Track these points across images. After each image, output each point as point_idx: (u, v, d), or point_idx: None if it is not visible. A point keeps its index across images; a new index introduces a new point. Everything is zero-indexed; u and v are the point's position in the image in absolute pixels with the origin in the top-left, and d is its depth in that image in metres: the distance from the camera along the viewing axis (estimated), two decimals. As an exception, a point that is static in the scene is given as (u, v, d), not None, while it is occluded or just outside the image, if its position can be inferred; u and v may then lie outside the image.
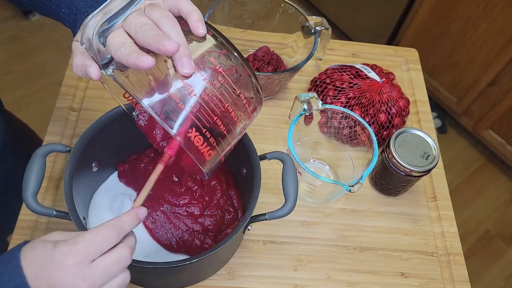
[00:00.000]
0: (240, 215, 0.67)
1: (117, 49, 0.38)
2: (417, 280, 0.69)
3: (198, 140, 0.41)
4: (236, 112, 0.44)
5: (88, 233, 0.39)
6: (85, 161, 0.59)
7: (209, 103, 0.42)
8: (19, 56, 1.87)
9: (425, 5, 1.61)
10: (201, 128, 0.41)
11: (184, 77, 0.41)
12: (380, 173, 0.73)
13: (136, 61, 0.37)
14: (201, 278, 0.64)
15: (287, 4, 0.79)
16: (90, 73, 0.40)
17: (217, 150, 0.44)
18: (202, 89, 0.41)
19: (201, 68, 0.41)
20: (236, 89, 0.44)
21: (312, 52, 0.75)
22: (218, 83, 0.42)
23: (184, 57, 0.39)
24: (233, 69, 0.44)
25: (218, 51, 0.43)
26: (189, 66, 0.39)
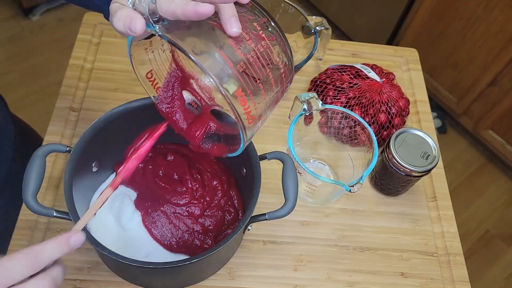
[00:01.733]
0: (241, 216, 0.67)
1: (170, 2, 0.38)
2: (417, 280, 0.69)
3: (243, 101, 0.41)
4: (275, 80, 0.44)
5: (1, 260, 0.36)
6: (85, 161, 0.59)
7: (254, 65, 0.41)
8: (19, 56, 1.87)
9: (425, 5, 1.61)
10: (246, 89, 0.41)
11: (230, 38, 0.40)
12: (380, 173, 0.73)
13: (196, 7, 0.36)
14: (201, 278, 0.64)
15: (287, 4, 0.79)
16: (136, 25, 0.38)
17: (256, 118, 0.43)
18: (247, 50, 0.41)
19: (246, 31, 0.41)
20: (277, 57, 0.44)
21: (312, 52, 0.75)
22: (262, 47, 0.42)
23: (233, 17, 0.39)
24: (273, 38, 0.44)
25: (260, 19, 0.43)
26: (237, 25, 0.39)
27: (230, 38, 0.40)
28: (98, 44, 0.86)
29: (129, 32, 0.39)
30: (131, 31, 0.39)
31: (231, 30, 0.39)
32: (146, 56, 0.48)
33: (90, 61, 0.84)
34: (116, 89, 0.81)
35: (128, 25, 0.39)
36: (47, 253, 0.38)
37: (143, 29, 0.39)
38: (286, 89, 0.47)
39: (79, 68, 0.82)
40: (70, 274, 0.63)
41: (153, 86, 0.52)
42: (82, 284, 0.62)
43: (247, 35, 0.41)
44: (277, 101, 0.46)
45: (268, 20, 0.44)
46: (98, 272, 0.63)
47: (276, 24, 0.44)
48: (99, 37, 0.87)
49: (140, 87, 0.74)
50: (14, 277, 0.36)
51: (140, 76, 0.50)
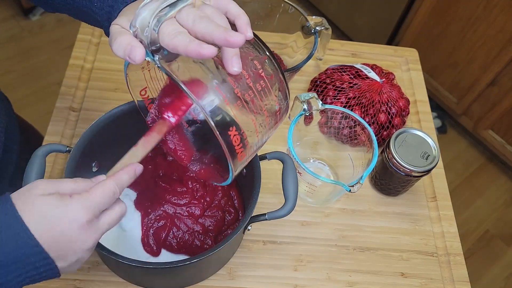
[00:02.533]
0: (241, 216, 0.67)
1: (173, 37, 0.38)
2: (417, 280, 0.69)
3: (236, 140, 0.41)
4: (269, 118, 0.44)
5: (95, 190, 0.40)
6: (85, 161, 0.59)
7: (250, 104, 0.42)
8: (19, 56, 1.87)
9: (425, 5, 1.61)
10: (240, 128, 0.41)
11: (230, 75, 0.41)
12: (380, 173, 0.73)
13: (198, 48, 0.37)
14: (201, 278, 0.64)
15: (287, 4, 0.79)
16: (136, 54, 0.39)
17: (247, 153, 0.44)
18: (246, 88, 0.41)
19: (246, 69, 0.42)
20: (274, 96, 0.44)
21: (312, 52, 0.75)
22: (260, 86, 0.43)
23: (235, 56, 0.39)
24: (272, 76, 0.44)
25: (261, 56, 0.44)
26: (238, 65, 0.40)
27: (229, 76, 0.41)
28: (98, 44, 0.86)
29: (129, 60, 0.39)
30: (130, 59, 0.39)
31: (232, 69, 0.40)
32: (142, 74, 0.49)
33: (90, 61, 0.84)
34: (116, 89, 0.81)
35: (128, 53, 0.39)
36: (124, 182, 0.43)
37: (143, 59, 0.39)
38: (279, 124, 0.47)
39: (79, 68, 0.82)
40: (70, 274, 0.63)
41: (146, 104, 0.52)
42: (82, 284, 0.62)
43: (247, 73, 0.42)
44: (270, 134, 0.47)
45: (269, 58, 0.44)
46: (98, 272, 0.63)
47: (276, 62, 0.45)
48: (99, 37, 0.87)
49: (140, 87, 0.74)
50: (107, 205, 0.42)
51: (134, 94, 0.50)
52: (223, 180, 0.49)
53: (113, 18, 0.45)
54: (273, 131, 0.47)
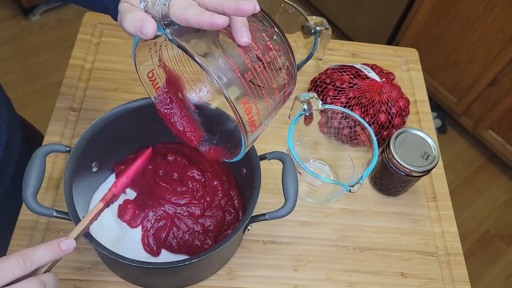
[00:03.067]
0: (241, 216, 0.67)
1: (184, 9, 0.38)
2: (417, 280, 0.69)
3: (248, 110, 0.41)
4: (278, 90, 0.45)
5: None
6: (85, 161, 0.59)
7: (260, 75, 0.42)
8: (19, 56, 1.87)
9: (425, 5, 1.61)
10: (252, 98, 0.41)
11: (240, 47, 0.41)
12: (380, 173, 0.73)
13: (210, 19, 0.37)
14: (201, 278, 0.64)
15: (287, 4, 0.79)
16: (148, 29, 0.38)
17: (258, 126, 0.44)
18: (255, 60, 0.42)
19: (255, 41, 0.42)
20: (282, 68, 0.44)
21: (312, 52, 0.75)
22: (269, 58, 0.43)
23: (244, 27, 0.39)
24: (280, 49, 0.44)
25: (269, 30, 0.44)
26: (248, 36, 0.40)
27: (239, 47, 0.41)
28: (98, 44, 0.86)
29: (140, 35, 0.39)
30: (142, 34, 0.39)
31: (241, 40, 0.40)
32: (149, 55, 0.49)
33: (90, 61, 0.84)
34: (116, 89, 0.81)
35: (139, 28, 0.39)
36: (39, 254, 0.39)
37: (155, 33, 0.39)
38: (287, 98, 0.47)
39: (79, 68, 0.82)
40: (70, 274, 0.63)
41: (153, 86, 0.52)
42: (82, 284, 0.62)
43: (256, 45, 0.42)
44: (278, 109, 0.47)
45: (276, 31, 0.44)
46: (98, 272, 0.63)
47: (283, 35, 0.45)
48: (99, 37, 0.87)
49: (140, 87, 0.74)
50: (6, 276, 0.37)
51: (142, 75, 0.50)
52: (234, 157, 0.49)
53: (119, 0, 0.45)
54: (282, 105, 0.47)
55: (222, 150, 0.53)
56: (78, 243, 0.65)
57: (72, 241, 0.43)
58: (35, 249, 0.39)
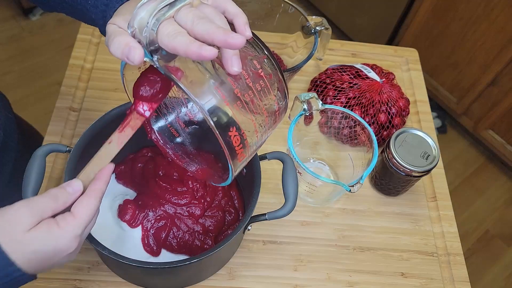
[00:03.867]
0: (241, 216, 0.67)
1: (172, 37, 0.37)
2: (417, 280, 0.69)
3: (236, 140, 0.41)
4: (269, 118, 0.44)
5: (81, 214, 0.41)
6: (85, 161, 0.59)
7: (250, 104, 0.41)
8: (19, 56, 1.87)
9: (425, 5, 1.61)
10: (240, 128, 0.41)
11: (230, 75, 0.40)
12: (380, 173, 0.73)
13: (199, 50, 0.36)
14: (201, 278, 0.64)
15: (287, 4, 0.79)
16: (135, 55, 0.38)
17: (247, 154, 0.43)
18: (245, 89, 0.41)
19: (245, 69, 0.41)
20: (273, 96, 0.44)
21: (312, 52, 0.75)
22: (259, 86, 0.42)
23: (234, 55, 0.39)
24: (271, 76, 0.44)
25: (260, 56, 0.43)
26: (238, 65, 0.39)
27: (229, 76, 0.40)
28: (98, 44, 0.86)
29: (127, 61, 0.39)
30: (129, 60, 0.38)
31: (231, 69, 0.39)
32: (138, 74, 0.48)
33: (90, 61, 0.84)
34: (116, 89, 0.81)
35: (126, 54, 0.38)
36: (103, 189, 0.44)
37: (142, 60, 0.38)
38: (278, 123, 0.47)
39: (79, 68, 0.82)
40: (70, 274, 0.63)
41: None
42: (82, 284, 0.62)
43: (246, 73, 0.41)
44: (268, 134, 0.46)
45: (268, 58, 0.44)
46: (98, 272, 0.63)
47: (275, 61, 0.44)
48: (99, 37, 0.87)
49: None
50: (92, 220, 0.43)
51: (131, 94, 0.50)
52: (222, 181, 0.48)
53: (108, 17, 0.44)
54: (272, 130, 0.47)
55: (210, 171, 0.53)
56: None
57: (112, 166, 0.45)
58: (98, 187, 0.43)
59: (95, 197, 0.42)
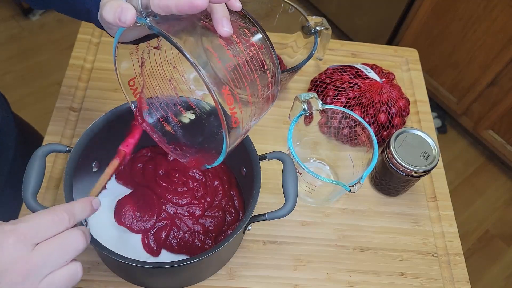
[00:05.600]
0: (241, 216, 0.67)
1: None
2: (417, 280, 0.69)
3: (229, 100, 0.40)
4: (262, 87, 0.44)
5: (34, 215, 0.37)
6: (85, 161, 0.59)
7: (242, 68, 0.41)
8: (19, 56, 1.87)
9: (425, 5, 1.62)
10: (233, 88, 0.40)
11: (221, 38, 0.40)
12: (380, 173, 0.73)
13: (190, 1, 0.36)
14: (201, 278, 0.64)
15: (287, 4, 0.79)
16: (127, 15, 0.38)
17: (240, 121, 0.42)
18: (237, 52, 0.41)
19: (236, 35, 0.41)
20: (265, 65, 0.44)
21: (312, 52, 0.75)
22: (251, 52, 0.42)
23: (224, 17, 0.39)
24: (262, 47, 0.44)
25: (250, 27, 0.44)
26: (229, 26, 0.39)
27: (220, 39, 0.40)
28: (98, 44, 0.86)
29: (119, 23, 0.38)
30: (121, 21, 0.38)
31: (222, 30, 0.39)
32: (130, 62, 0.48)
33: (90, 61, 0.84)
34: (116, 89, 0.81)
35: (118, 15, 0.38)
36: (77, 212, 0.40)
37: (133, 20, 0.38)
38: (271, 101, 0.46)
39: (79, 68, 0.82)
40: (70, 274, 0.63)
41: (134, 94, 0.52)
42: (82, 284, 0.62)
43: (238, 39, 0.41)
44: (262, 111, 0.46)
45: (258, 30, 0.44)
46: (98, 272, 0.63)
47: (266, 35, 0.44)
48: (99, 37, 0.87)
49: (140, 87, 0.74)
50: (46, 232, 0.37)
51: (122, 82, 0.50)
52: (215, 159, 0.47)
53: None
54: (267, 108, 0.46)
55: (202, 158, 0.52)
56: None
57: (98, 200, 0.44)
58: (74, 206, 0.40)
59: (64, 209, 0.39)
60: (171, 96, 0.55)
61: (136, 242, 0.62)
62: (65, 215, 0.38)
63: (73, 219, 0.39)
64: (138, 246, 0.62)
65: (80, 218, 0.40)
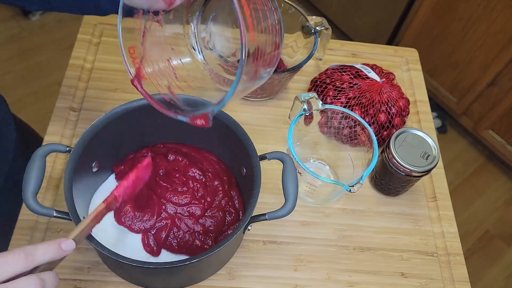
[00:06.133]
0: (241, 217, 0.67)
1: None
2: (417, 280, 0.69)
3: (246, 8, 0.40)
4: (272, 21, 0.44)
5: None
6: (85, 161, 0.59)
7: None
8: (19, 56, 1.87)
9: (425, 5, 1.62)
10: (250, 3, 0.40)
11: None
12: (380, 173, 0.73)
13: None
14: (201, 278, 0.64)
15: (287, 4, 0.79)
16: None
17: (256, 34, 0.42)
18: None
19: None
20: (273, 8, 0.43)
21: (312, 52, 0.75)
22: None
23: None
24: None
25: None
26: None
27: None
28: (98, 44, 0.86)
29: None
30: None
31: None
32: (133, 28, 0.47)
33: (90, 61, 0.84)
34: (116, 89, 0.81)
35: None
36: (40, 252, 0.38)
37: None
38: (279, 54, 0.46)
39: (79, 68, 0.82)
40: (70, 274, 0.63)
41: (133, 63, 0.51)
42: (82, 284, 0.62)
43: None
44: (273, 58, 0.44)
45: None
46: (98, 272, 0.63)
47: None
48: (99, 37, 0.87)
49: (140, 87, 0.74)
50: (7, 271, 0.36)
51: (124, 46, 0.49)
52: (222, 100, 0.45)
53: None
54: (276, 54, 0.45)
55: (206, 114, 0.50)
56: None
57: (72, 242, 0.42)
58: (36, 247, 0.39)
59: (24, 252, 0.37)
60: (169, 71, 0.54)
61: (136, 242, 0.63)
62: (21, 257, 0.36)
63: (31, 261, 0.37)
64: (138, 246, 0.62)
65: (41, 260, 0.39)
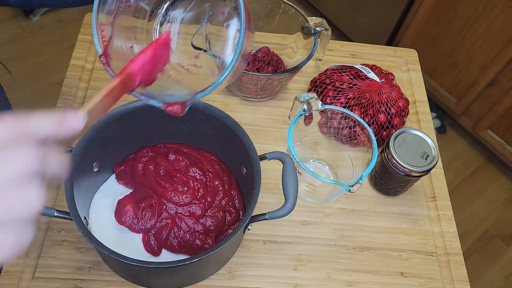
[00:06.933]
0: (242, 216, 0.67)
1: None
2: (417, 280, 0.69)
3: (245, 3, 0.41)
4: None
5: None
6: (86, 161, 0.60)
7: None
8: (20, 56, 1.87)
9: (425, 5, 1.62)
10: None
11: None
12: (379, 173, 0.73)
13: None
14: (202, 278, 0.64)
15: (287, 5, 0.79)
16: None
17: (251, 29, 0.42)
18: None
19: None
20: None
21: (312, 53, 0.75)
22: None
23: None
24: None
25: None
26: None
27: None
28: (98, 45, 0.87)
29: None
30: None
31: None
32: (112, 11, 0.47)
33: (90, 62, 0.84)
34: (116, 90, 0.81)
35: None
36: (34, 119, 0.30)
37: None
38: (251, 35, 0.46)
39: (80, 69, 0.83)
40: (70, 273, 0.63)
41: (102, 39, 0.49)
42: (83, 284, 0.62)
43: None
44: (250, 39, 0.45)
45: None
46: (98, 272, 0.63)
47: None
48: (99, 37, 0.87)
49: (140, 88, 0.74)
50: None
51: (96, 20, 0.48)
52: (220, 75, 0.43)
53: None
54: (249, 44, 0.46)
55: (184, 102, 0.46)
56: (79, 242, 0.65)
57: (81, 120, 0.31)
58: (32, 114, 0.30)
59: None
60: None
61: (137, 242, 0.63)
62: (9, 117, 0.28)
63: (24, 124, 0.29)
64: (139, 246, 0.63)
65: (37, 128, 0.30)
